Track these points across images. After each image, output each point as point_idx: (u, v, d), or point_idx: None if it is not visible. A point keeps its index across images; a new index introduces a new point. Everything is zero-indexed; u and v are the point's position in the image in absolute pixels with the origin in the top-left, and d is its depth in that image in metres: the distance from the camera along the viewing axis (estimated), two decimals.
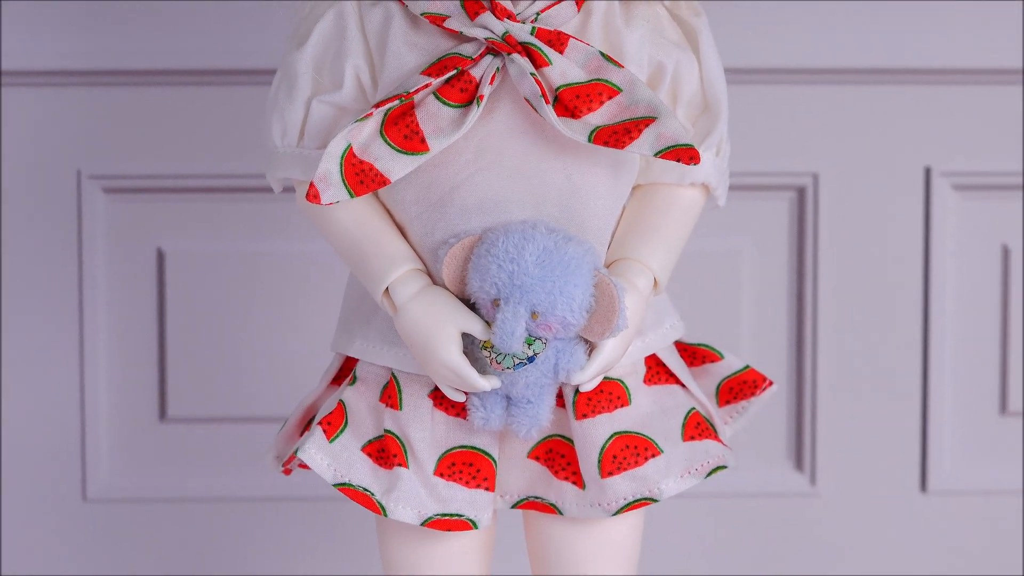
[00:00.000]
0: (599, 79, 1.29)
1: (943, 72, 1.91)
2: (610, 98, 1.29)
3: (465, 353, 1.30)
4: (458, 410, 1.34)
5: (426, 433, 1.34)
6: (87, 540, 1.94)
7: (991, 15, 1.90)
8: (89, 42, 1.87)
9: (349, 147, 1.28)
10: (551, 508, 1.37)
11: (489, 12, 1.29)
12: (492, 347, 1.28)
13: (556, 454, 1.37)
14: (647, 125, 1.28)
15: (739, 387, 1.44)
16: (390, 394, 1.35)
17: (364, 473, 1.35)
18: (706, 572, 1.97)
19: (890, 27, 1.89)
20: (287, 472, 1.40)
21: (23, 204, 1.90)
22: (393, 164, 1.29)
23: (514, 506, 1.38)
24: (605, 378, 1.34)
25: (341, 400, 1.37)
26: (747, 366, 1.44)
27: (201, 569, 1.95)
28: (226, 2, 1.87)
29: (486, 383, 1.29)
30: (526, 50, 1.29)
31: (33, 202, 1.90)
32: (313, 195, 1.28)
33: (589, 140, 1.28)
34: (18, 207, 1.89)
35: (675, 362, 1.40)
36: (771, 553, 1.97)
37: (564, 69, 1.29)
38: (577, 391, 1.34)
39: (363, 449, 1.35)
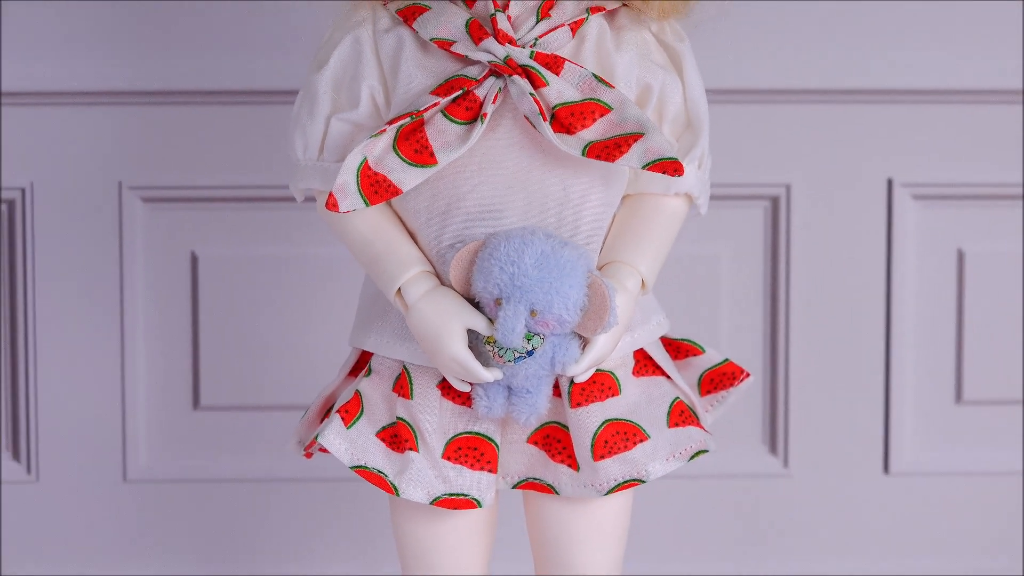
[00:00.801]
0: (592, 98, 1.29)
1: (904, 92, 1.90)
2: (602, 116, 1.29)
3: (470, 348, 1.30)
4: (464, 399, 1.33)
5: (435, 420, 1.34)
6: (127, 517, 1.93)
7: (949, 39, 1.89)
8: (129, 66, 1.86)
9: (365, 160, 1.28)
10: (549, 488, 1.36)
11: (492, 38, 1.29)
12: (495, 342, 1.28)
13: (553, 439, 1.36)
14: (635, 140, 1.27)
15: (719, 378, 1.43)
16: (402, 385, 1.34)
17: (378, 456, 1.34)
18: (688, 547, 1.96)
19: (856, 51, 1.89)
20: (308, 455, 1.40)
21: (69, 212, 1.89)
22: (405, 176, 1.28)
23: (515, 486, 1.38)
24: (597, 370, 1.34)
25: (357, 390, 1.36)
26: (726, 359, 1.44)
27: (229, 542, 1.94)
28: (253, 29, 1.86)
29: (489, 375, 1.29)
30: (526, 72, 1.28)
31: (79, 210, 1.89)
32: (332, 204, 1.27)
33: (583, 154, 1.27)
34: (65, 214, 1.89)
35: (661, 356, 1.39)
36: (747, 528, 1.96)
37: (560, 89, 1.29)
38: (572, 382, 1.33)
39: (377, 435, 1.35)
